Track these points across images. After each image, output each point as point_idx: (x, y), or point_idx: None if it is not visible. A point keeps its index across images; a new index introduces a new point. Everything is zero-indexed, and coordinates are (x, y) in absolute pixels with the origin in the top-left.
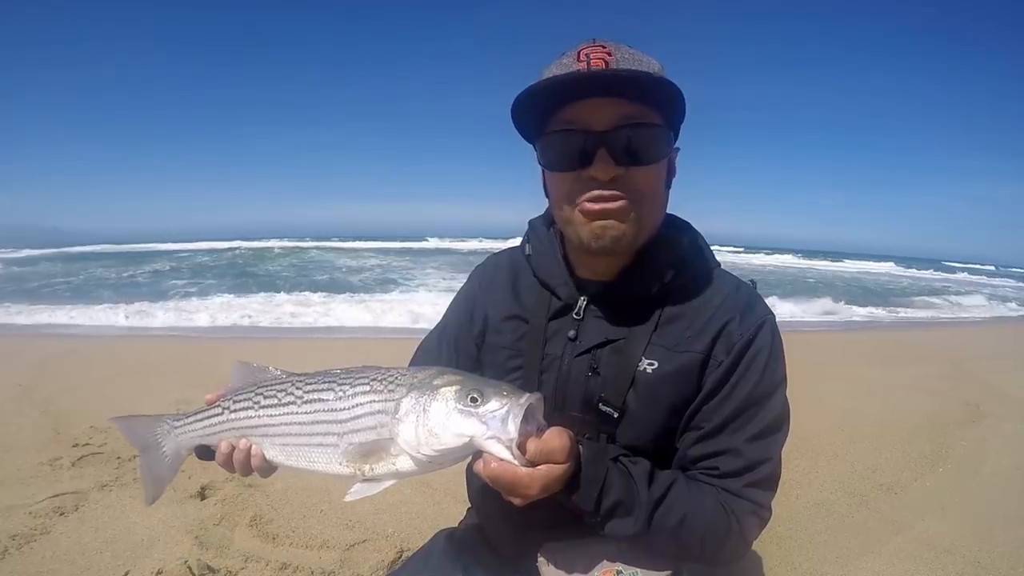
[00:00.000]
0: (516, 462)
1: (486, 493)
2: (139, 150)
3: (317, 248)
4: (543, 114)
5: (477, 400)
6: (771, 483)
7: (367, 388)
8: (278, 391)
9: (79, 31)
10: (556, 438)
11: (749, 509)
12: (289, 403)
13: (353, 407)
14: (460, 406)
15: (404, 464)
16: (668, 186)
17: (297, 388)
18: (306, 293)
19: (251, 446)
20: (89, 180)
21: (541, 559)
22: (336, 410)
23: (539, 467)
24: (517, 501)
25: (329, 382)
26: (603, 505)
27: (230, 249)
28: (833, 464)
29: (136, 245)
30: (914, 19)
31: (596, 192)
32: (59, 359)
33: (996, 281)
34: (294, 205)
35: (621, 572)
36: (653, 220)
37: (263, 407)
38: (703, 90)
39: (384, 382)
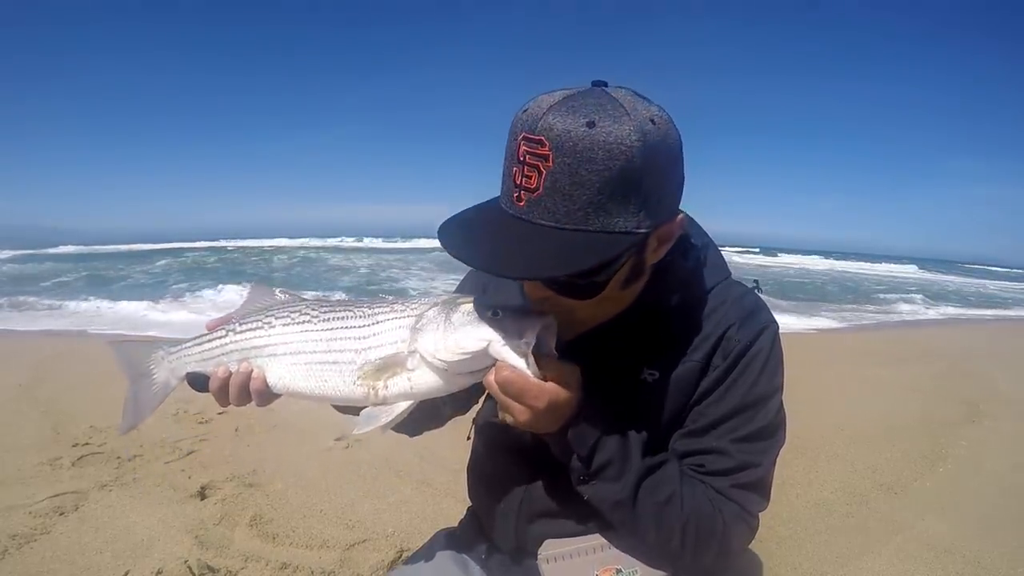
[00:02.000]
0: (529, 372)
1: (486, 491)
2: (138, 151)
3: (318, 247)
4: None
5: (498, 314)
6: (760, 489)
7: (388, 309)
8: (292, 311)
9: (80, 38)
10: (568, 365)
11: (736, 512)
12: (305, 322)
13: (374, 324)
14: (480, 316)
15: (420, 378)
16: (632, 282)
17: (313, 309)
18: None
19: (252, 369)
20: (88, 181)
21: (541, 557)
22: (356, 327)
23: (549, 383)
24: (522, 416)
25: (347, 305)
26: (596, 458)
27: (231, 248)
28: (833, 464)
29: (134, 245)
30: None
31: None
32: (59, 359)
33: None
34: (293, 205)
35: (621, 571)
36: (604, 316)
37: (274, 327)
38: (698, 92)
39: (405, 304)
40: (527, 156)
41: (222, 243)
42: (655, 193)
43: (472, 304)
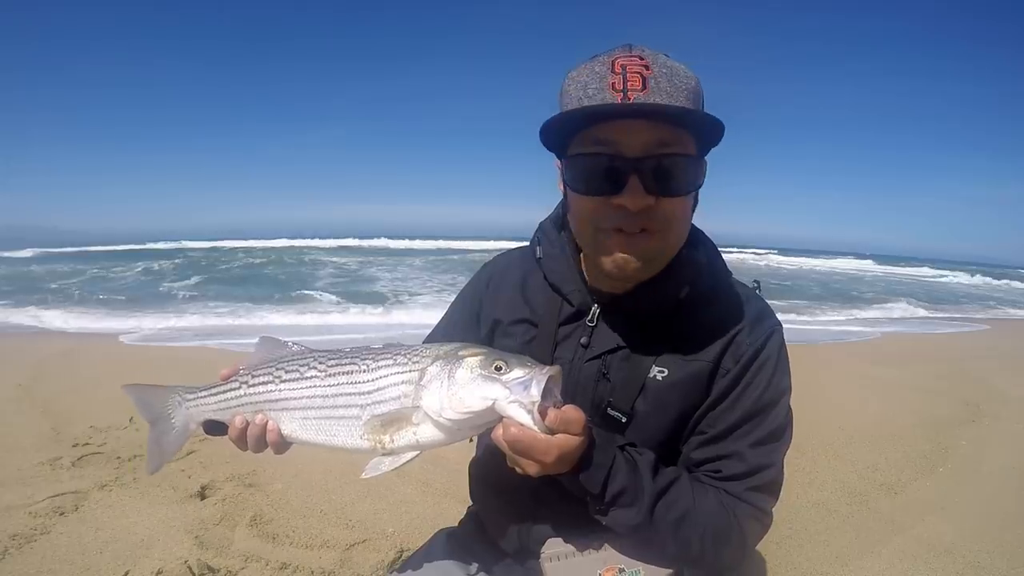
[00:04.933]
0: (536, 428)
1: (489, 490)
2: (136, 149)
3: (315, 247)
4: (572, 130)
5: (502, 368)
6: (773, 489)
7: (391, 362)
8: (300, 365)
9: (80, 32)
10: (573, 411)
11: (751, 513)
12: (311, 377)
13: (377, 379)
14: (485, 373)
15: (425, 433)
16: (694, 207)
17: (319, 363)
18: (305, 295)
19: (268, 421)
20: (87, 181)
21: (543, 557)
22: (360, 382)
23: (557, 435)
24: (532, 469)
25: (352, 357)
26: (608, 490)
27: (231, 249)
28: (833, 464)
29: (132, 245)
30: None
31: (623, 224)
32: (59, 359)
33: None
34: (293, 205)
35: (623, 571)
36: (675, 250)
37: (284, 381)
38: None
39: (408, 356)
40: (627, 68)
41: (237, 243)
42: (717, 133)
43: (475, 358)
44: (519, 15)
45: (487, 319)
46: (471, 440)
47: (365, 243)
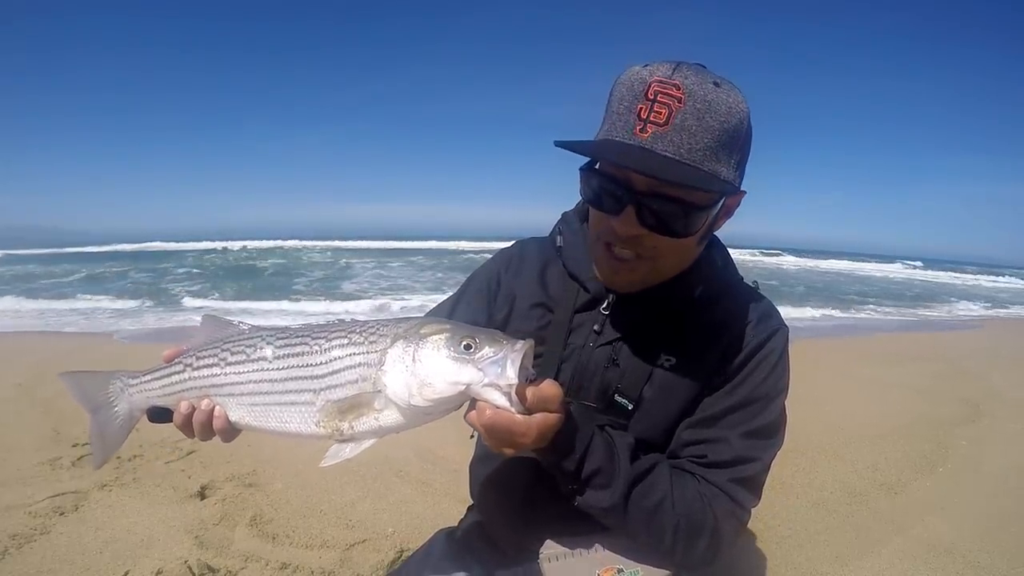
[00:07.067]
0: (513, 409)
1: (489, 490)
2: (136, 151)
3: (312, 248)
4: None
5: (471, 347)
6: (755, 486)
7: (345, 341)
8: (247, 347)
9: (79, 36)
10: (550, 387)
11: (728, 508)
12: (259, 359)
13: (331, 361)
14: (454, 353)
15: (389, 418)
16: (703, 240)
17: (267, 343)
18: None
19: (214, 407)
20: (87, 182)
21: (542, 557)
22: (312, 365)
23: (535, 415)
24: (509, 452)
25: (303, 336)
26: (584, 469)
27: (230, 249)
28: (833, 464)
29: (131, 245)
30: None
31: (615, 242)
32: (59, 359)
33: None
34: (291, 206)
35: (622, 571)
36: (673, 271)
37: (230, 364)
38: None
39: (363, 334)
40: (659, 95)
41: (235, 243)
42: (745, 158)
43: (440, 336)
44: (519, 16)
45: (505, 301)
46: (471, 436)
47: (364, 244)
